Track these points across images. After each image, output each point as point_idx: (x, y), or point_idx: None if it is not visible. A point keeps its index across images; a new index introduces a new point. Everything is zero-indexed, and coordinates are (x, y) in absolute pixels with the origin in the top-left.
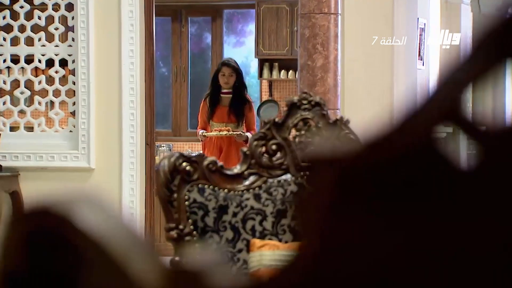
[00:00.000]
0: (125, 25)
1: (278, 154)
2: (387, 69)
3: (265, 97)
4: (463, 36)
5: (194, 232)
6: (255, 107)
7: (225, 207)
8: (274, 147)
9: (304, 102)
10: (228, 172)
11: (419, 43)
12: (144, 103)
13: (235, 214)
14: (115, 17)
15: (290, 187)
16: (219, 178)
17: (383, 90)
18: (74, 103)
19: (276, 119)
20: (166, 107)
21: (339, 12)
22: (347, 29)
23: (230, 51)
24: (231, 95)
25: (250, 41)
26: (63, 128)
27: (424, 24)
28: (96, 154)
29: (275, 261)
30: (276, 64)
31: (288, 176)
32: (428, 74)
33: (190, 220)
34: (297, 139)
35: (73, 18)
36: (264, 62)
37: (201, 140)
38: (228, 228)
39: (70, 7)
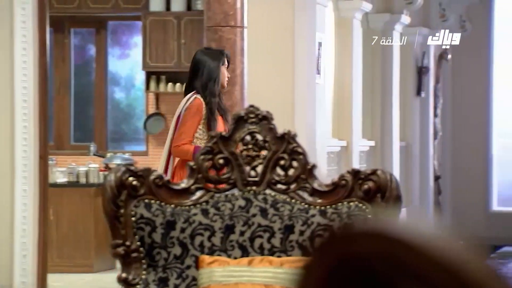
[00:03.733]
0: (17, 35)
1: (225, 169)
2: (289, 81)
3: (152, 110)
4: (355, 51)
5: (141, 249)
6: (141, 121)
7: (173, 222)
8: (221, 161)
9: (251, 115)
10: (175, 187)
11: (318, 57)
12: (38, 115)
13: (183, 230)
14: (7, 27)
15: (237, 201)
16: (165, 193)
17: (285, 102)
18: None
19: (223, 133)
20: (48, 119)
21: (245, 25)
22: (251, 42)
23: (115, 63)
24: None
25: (135, 53)
26: None
27: (321, 38)
28: None
29: (225, 277)
30: (163, 77)
31: (235, 191)
32: (324, 88)
33: (136, 236)
34: (244, 153)
35: None
36: (151, 75)
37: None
38: (176, 244)
39: None
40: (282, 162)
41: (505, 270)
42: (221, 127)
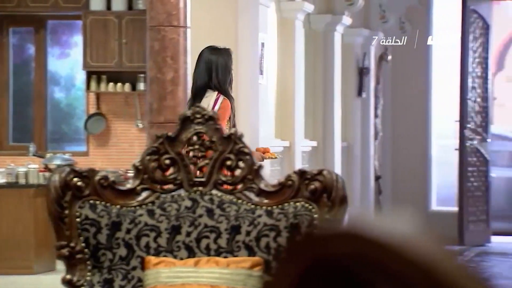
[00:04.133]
0: None
1: (171, 169)
2: (232, 82)
3: (93, 110)
4: (297, 52)
5: (86, 250)
6: (81, 121)
7: (118, 223)
8: (167, 161)
9: (198, 116)
10: (121, 188)
11: (260, 58)
12: None
13: (128, 231)
14: None
15: (184, 202)
16: (111, 194)
17: None
18: None
19: (169, 133)
20: None
21: (188, 25)
22: (194, 42)
23: (55, 63)
24: None
25: (75, 52)
26: None
27: (264, 38)
28: None
29: (171, 278)
30: (104, 76)
31: (181, 191)
32: (267, 88)
33: (81, 238)
34: (190, 154)
35: None
36: (92, 75)
37: None
38: (122, 245)
39: None
40: (228, 163)
41: None
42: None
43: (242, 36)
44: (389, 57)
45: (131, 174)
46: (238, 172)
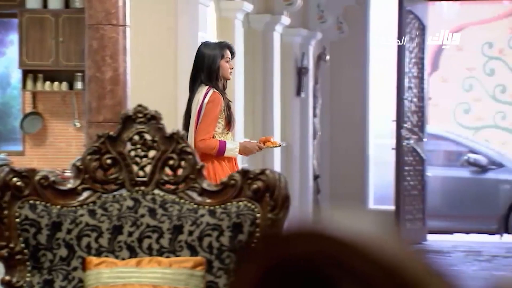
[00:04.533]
0: None
1: (113, 169)
2: (172, 81)
3: (29, 109)
4: (237, 51)
5: (25, 251)
6: (17, 120)
7: (59, 223)
8: (108, 161)
9: (140, 115)
10: (61, 188)
11: None
12: None
13: (69, 231)
14: None
15: (126, 202)
16: (51, 194)
17: (168, 102)
18: None
19: (111, 133)
20: None
21: (127, 24)
22: (133, 41)
23: None
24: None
25: (11, 51)
26: None
27: (204, 38)
28: None
29: (113, 278)
30: (41, 75)
31: (123, 191)
32: None
33: (21, 238)
34: (132, 153)
35: None
36: (28, 73)
37: (235, 155)
38: (62, 245)
39: None
40: (171, 162)
41: None
42: (232, 124)
43: (181, 35)
44: (327, 57)
45: (68, 174)
46: (180, 171)
